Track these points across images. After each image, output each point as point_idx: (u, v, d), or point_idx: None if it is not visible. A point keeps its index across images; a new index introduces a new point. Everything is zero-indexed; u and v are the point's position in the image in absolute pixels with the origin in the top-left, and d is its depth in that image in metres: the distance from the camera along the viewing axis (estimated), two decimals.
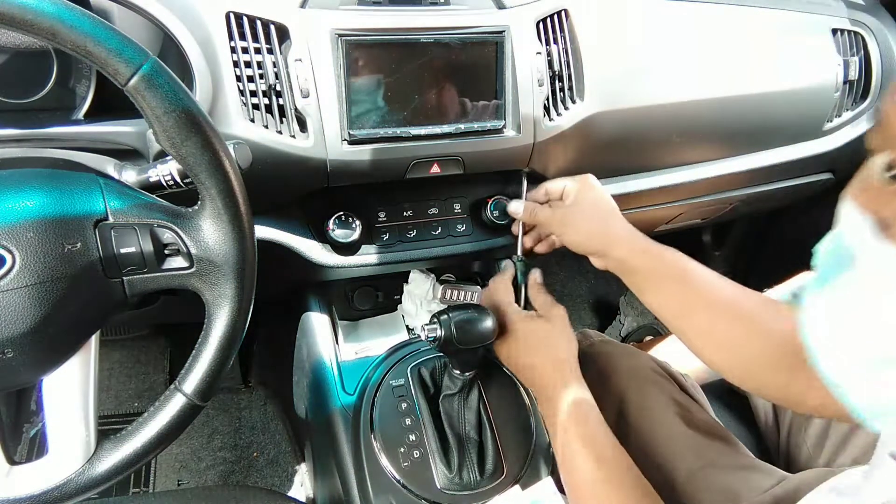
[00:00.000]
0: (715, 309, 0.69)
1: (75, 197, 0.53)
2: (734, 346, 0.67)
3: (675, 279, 0.72)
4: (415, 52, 0.78)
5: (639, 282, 0.76)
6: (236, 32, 0.72)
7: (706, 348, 0.70)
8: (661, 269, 0.74)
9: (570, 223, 0.81)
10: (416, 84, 0.79)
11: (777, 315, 0.65)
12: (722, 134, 1.09)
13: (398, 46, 0.77)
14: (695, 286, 0.71)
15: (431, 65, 0.79)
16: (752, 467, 0.79)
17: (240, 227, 0.55)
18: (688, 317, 0.72)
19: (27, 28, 0.46)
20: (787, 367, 0.61)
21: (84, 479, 0.55)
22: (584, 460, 0.69)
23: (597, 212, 0.81)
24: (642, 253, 0.75)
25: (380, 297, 1.05)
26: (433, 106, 0.81)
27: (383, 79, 0.78)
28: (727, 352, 0.68)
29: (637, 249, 0.75)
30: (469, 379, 0.81)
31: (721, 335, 0.68)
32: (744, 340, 0.66)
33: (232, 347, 0.57)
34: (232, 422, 1.42)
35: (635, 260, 0.75)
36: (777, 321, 0.64)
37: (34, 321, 0.50)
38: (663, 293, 0.74)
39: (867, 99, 1.20)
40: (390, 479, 0.79)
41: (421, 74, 0.79)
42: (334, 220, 0.84)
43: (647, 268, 0.74)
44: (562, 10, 0.87)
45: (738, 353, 0.67)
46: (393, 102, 0.79)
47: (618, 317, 1.72)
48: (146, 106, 0.50)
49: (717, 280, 0.71)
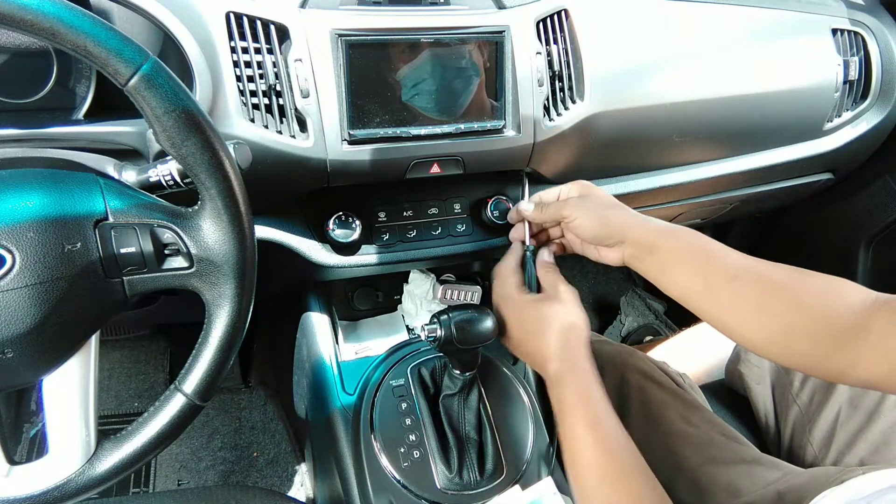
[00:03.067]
0: (737, 277, 0.66)
1: (75, 197, 0.53)
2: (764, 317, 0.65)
3: (697, 255, 0.70)
4: (415, 53, 0.78)
5: (660, 261, 0.72)
6: (236, 32, 0.72)
7: (732, 318, 0.67)
8: (681, 245, 0.71)
9: (581, 212, 0.77)
10: (416, 84, 0.79)
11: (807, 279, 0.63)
12: (722, 134, 1.09)
13: (398, 46, 0.77)
14: (717, 258, 0.69)
15: (431, 65, 0.79)
16: (755, 461, 0.78)
17: (240, 227, 0.55)
18: (712, 289, 0.68)
19: (27, 28, 0.46)
20: (830, 340, 0.59)
21: (84, 479, 0.55)
22: (590, 446, 0.67)
23: (604, 202, 0.78)
24: (660, 231, 0.72)
25: (380, 297, 1.05)
26: (433, 106, 0.81)
27: (383, 79, 0.78)
28: (755, 319, 0.65)
29: (654, 228, 0.73)
30: (469, 379, 0.81)
31: (745, 302, 0.66)
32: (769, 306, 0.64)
33: (232, 347, 0.57)
34: (232, 422, 1.42)
35: (654, 237, 0.72)
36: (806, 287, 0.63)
37: (34, 321, 0.50)
38: (686, 270, 0.70)
39: (867, 99, 1.20)
40: (390, 479, 0.79)
41: (421, 75, 0.79)
42: (334, 220, 0.84)
43: (668, 246, 0.71)
44: (562, 10, 0.87)
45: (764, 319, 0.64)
46: (393, 102, 0.79)
47: (618, 317, 1.72)
48: (146, 106, 0.50)
49: (741, 255, 0.69)
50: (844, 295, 0.60)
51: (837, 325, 0.59)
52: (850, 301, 0.59)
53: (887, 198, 1.34)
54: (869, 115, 1.22)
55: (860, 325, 0.57)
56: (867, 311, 0.57)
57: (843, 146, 1.21)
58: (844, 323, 0.58)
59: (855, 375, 0.59)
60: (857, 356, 0.57)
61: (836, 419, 0.85)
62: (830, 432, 0.85)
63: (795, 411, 0.91)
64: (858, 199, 1.39)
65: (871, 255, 1.42)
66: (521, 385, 0.90)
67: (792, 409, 0.91)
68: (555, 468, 0.84)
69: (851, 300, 0.59)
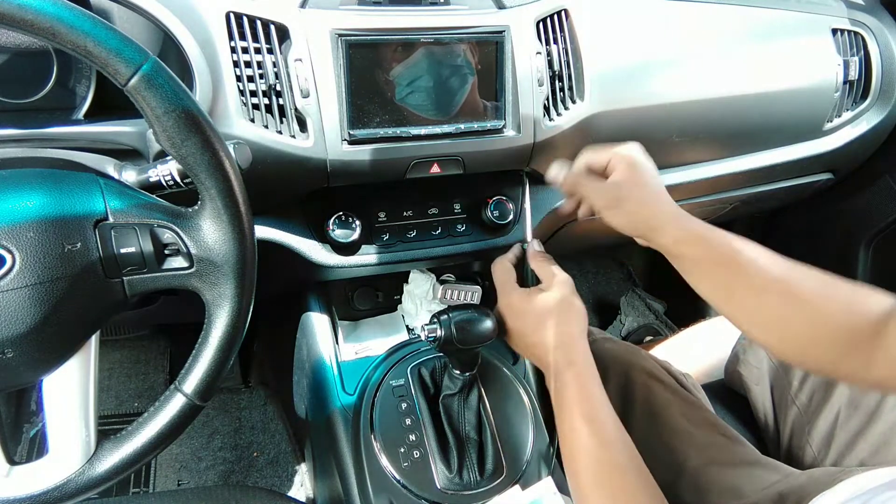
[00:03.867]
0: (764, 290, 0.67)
1: (75, 197, 0.53)
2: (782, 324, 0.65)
3: (723, 264, 0.70)
4: (415, 53, 0.78)
5: (685, 268, 0.72)
6: (236, 32, 0.72)
7: (754, 328, 0.68)
8: (708, 254, 0.71)
9: (612, 204, 0.75)
10: (417, 84, 0.79)
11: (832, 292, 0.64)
12: (722, 134, 1.09)
13: (398, 46, 0.77)
14: (744, 269, 0.69)
15: (431, 65, 0.79)
16: (756, 463, 0.79)
17: (240, 227, 0.55)
18: (736, 300, 0.69)
19: (27, 28, 0.46)
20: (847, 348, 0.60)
21: (84, 479, 0.55)
22: (587, 438, 0.67)
23: (642, 193, 0.75)
24: (687, 238, 0.72)
25: (380, 297, 1.05)
26: (433, 106, 0.81)
27: (383, 79, 0.78)
28: (776, 330, 0.66)
29: (681, 236, 0.72)
30: (469, 379, 0.81)
31: (768, 314, 0.66)
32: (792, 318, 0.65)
33: (232, 347, 0.57)
34: (232, 422, 1.42)
35: (680, 248, 0.72)
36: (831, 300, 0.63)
37: (34, 321, 0.50)
38: (711, 279, 0.71)
39: (867, 99, 1.20)
40: (390, 479, 0.79)
41: (421, 74, 0.79)
42: (334, 220, 0.84)
43: (694, 255, 0.71)
44: (562, 10, 0.87)
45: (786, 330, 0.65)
46: (393, 102, 0.79)
47: (618, 316, 1.72)
48: (146, 106, 0.50)
49: (768, 259, 0.69)
50: (868, 305, 0.61)
51: (856, 335, 0.59)
52: (872, 311, 0.60)
53: (887, 198, 1.34)
54: (869, 115, 1.22)
55: (877, 331, 0.58)
56: (885, 318, 0.58)
57: (843, 146, 1.21)
58: (863, 332, 0.59)
59: (867, 378, 0.60)
60: (872, 359, 0.58)
61: (835, 420, 0.85)
62: (830, 433, 0.85)
63: (794, 412, 0.90)
64: (858, 199, 1.39)
65: (870, 255, 1.42)
66: (521, 385, 0.90)
67: (791, 410, 0.91)
68: (555, 468, 0.84)
69: (874, 310, 0.60)
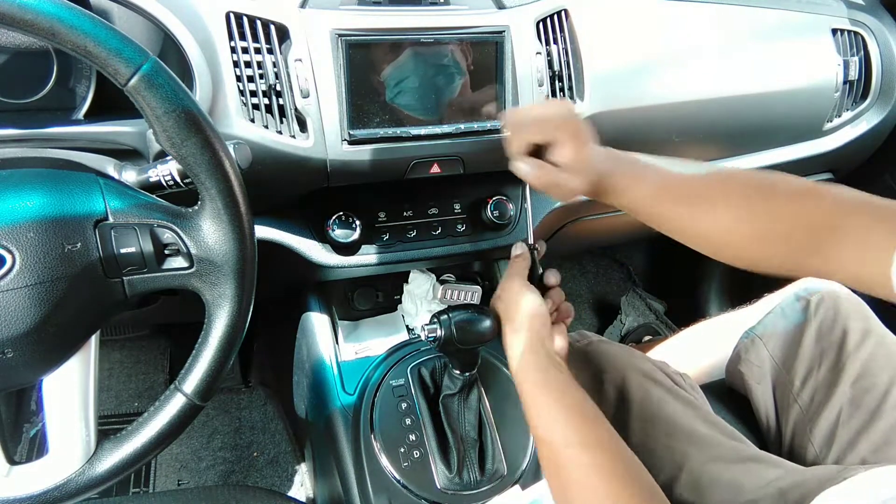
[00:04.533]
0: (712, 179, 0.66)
1: (75, 197, 0.53)
2: (742, 222, 0.63)
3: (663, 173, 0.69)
4: (415, 53, 0.78)
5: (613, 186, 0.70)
6: (236, 32, 0.72)
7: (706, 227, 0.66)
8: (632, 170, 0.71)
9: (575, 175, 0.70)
10: (416, 84, 0.79)
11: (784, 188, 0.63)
12: (722, 134, 1.09)
13: (398, 46, 0.77)
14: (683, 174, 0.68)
15: (431, 65, 0.79)
16: (756, 459, 0.78)
17: (240, 227, 0.55)
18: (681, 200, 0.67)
19: (27, 28, 0.46)
20: (807, 240, 0.59)
21: (84, 478, 0.55)
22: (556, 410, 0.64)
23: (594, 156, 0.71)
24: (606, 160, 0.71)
25: (380, 297, 1.05)
26: (433, 106, 0.81)
27: (383, 79, 0.78)
28: (736, 233, 0.64)
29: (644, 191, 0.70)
30: (469, 379, 0.81)
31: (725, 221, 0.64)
32: (753, 214, 0.63)
33: (232, 347, 0.57)
34: (232, 422, 1.42)
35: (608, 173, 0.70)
36: (791, 197, 0.62)
37: (34, 321, 0.50)
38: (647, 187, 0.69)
39: (867, 99, 1.20)
40: (390, 479, 0.79)
41: (421, 74, 0.79)
42: (334, 220, 0.84)
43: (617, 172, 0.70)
44: (562, 10, 0.87)
45: (745, 227, 0.63)
46: (393, 102, 0.79)
47: (618, 316, 1.72)
48: (146, 106, 0.50)
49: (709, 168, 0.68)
50: (821, 196, 0.60)
51: (814, 231, 0.58)
52: (825, 202, 0.59)
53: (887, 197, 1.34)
54: (869, 115, 1.22)
55: (836, 225, 0.57)
56: (844, 211, 0.57)
57: (843, 146, 1.21)
58: (821, 227, 0.58)
59: (833, 276, 0.59)
60: (839, 257, 0.57)
61: (837, 419, 0.85)
62: (832, 432, 0.85)
63: (796, 411, 0.90)
64: None
65: None
66: None
67: (793, 409, 0.91)
68: None
69: (827, 201, 0.59)
